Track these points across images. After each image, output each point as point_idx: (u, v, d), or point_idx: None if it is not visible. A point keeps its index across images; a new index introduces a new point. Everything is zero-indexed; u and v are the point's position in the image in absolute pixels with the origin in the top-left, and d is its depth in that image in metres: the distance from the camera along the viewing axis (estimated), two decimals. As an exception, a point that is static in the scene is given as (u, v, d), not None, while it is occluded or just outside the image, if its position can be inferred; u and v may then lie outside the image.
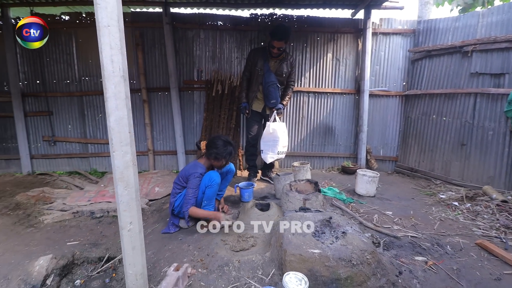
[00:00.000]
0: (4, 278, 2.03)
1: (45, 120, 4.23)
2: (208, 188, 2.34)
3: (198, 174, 2.34)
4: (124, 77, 1.44)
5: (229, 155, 2.42)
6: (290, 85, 3.41)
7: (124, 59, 1.44)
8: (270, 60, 3.25)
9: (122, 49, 1.42)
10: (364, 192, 3.10)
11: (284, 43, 3.12)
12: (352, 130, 4.35)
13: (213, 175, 2.35)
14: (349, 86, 4.24)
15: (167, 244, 2.31)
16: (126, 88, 1.46)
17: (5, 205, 3.22)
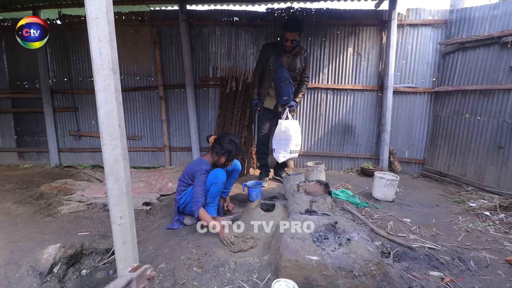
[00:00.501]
0: (16, 263, 2.13)
1: (72, 116, 4.47)
2: (213, 186, 2.29)
3: (203, 171, 2.30)
4: (114, 70, 1.42)
5: (228, 153, 2.35)
6: (304, 81, 3.25)
7: (114, 51, 1.42)
8: (283, 55, 3.12)
9: (111, 41, 1.40)
10: (382, 197, 2.87)
11: (298, 35, 2.97)
12: (374, 129, 4.07)
13: (219, 172, 2.29)
14: (371, 82, 3.97)
15: (168, 240, 2.31)
16: (116, 81, 1.44)
17: (31, 195, 3.45)
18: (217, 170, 2.30)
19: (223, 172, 2.31)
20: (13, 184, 3.77)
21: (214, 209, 2.36)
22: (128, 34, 4.13)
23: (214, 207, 2.36)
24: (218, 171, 2.30)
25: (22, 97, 4.47)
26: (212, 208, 2.35)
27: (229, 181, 2.63)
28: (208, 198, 2.31)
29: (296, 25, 2.92)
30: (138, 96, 4.30)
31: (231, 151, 2.36)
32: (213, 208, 2.35)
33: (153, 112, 4.31)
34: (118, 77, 1.46)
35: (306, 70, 3.23)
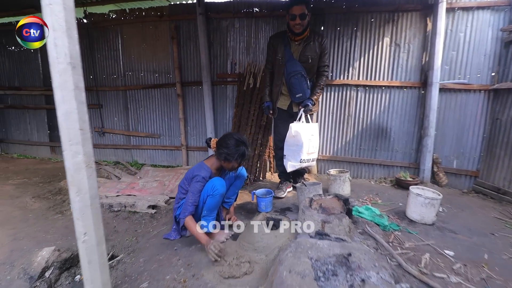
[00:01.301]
0: (10, 264, 2.10)
1: (96, 113, 4.56)
2: (209, 198, 2.02)
3: (200, 178, 2.04)
4: (73, 64, 1.20)
5: (241, 157, 2.05)
6: (323, 73, 2.76)
7: (73, 42, 1.20)
8: (292, 44, 2.70)
9: (69, 31, 1.18)
10: (418, 218, 2.35)
11: (306, 8, 2.51)
12: (414, 133, 3.47)
13: (216, 183, 2.01)
14: (411, 77, 3.37)
15: (161, 252, 2.11)
16: (76, 77, 1.22)
17: (50, 189, 3.53)
18: (215, 180, 2.02)
19: (222, 183, 2.02)
20: (39, 178, 3.93)
21: (211, 222, 2.08)
22: (147, 30, 4.04)
23: (211, 220, 2.08)
24: (217, 181, 2.02)
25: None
26: (209, 221, 2.07)
27: (232, 190, 2.34)
28: (204, 210, 2.05)
29: None
30: (157, 93, 4.22)
31: (244, 153, 2.05)
32: (210, 221, 2.08)
33: (171, 110, 4.20)
34: (80, 72, 1.24)
35: (324, 58, 2.74)
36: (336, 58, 3.52)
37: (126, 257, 2.20)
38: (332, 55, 3.52)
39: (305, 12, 2.52)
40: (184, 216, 2.02)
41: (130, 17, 4.06)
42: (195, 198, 2.02)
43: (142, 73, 4.21)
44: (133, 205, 2.90)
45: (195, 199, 2.02)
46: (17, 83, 4.83)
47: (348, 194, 2.95)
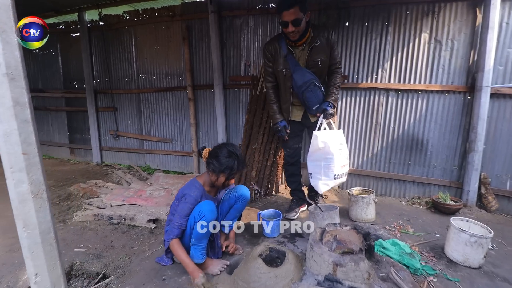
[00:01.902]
0: (-4, 280, 1.98)
1: (111, 116, 4.51)
2: (196, 224, 1.75)
3: (190, 199, 1.78)
4: (11, 75, 0.98)
5: (229, 170, 1.76)
6: (336, 70, 2.34)
7: (10, 48, 0.98)
8: (295, 51, 2.27)
9: (4, 34, 0.95)
10: (460, 259, 1.87)
11: (300, 10, 2.04)
12: (456, 147, 2.92)
13: (204, 208, 1.72)
14: (455, 81, 2.83)
15: (147, 281, 1.87)
16: (16, 90, 1.00)
17: (59, 194, 3.49)
18: (203, 205, 1.73)
19: (210, 208, 1.73)
20: (53, 181, 3.93)
21: (200, 253, 1.79)
22: (160, 31, 3.88)
23: (200, 250, 1.79)
24: (205, 205, 1.73)
25: (73, 96, 4.71)
26: (198, 252, 1.79)
27: (232, 214, 2.04)
28: (193, 238, 1.77)
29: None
30: (169, 97, 4.05)
31: (232, 167, 1.76)
32: (199, 251, 1.79)
33: (183, 114, 4.01)
34: (22, 85, 1.01)
35: (334, 54, 2.30)
36: (362, 58, 3.07)
37: (115, 280, 2.01)
38: (358, 54, 3.07)
39: (299, 16, 2.06)
40: (168, 239, 1.79)
41: (143, 17, 3.92)
42: (181, 222, 1.77)
43: (155, 76, 4.06)
44: (132, 218, 2.71)
45: (181, 222, 1.77)
46: (41, 85, 4.95)
47: (373, 219, 2.51)
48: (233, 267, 1.88)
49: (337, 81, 2.34)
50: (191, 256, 1.78)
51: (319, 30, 2.25)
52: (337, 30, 3.07)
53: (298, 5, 2.03)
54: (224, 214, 2.04)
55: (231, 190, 2.01)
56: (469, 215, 2.67)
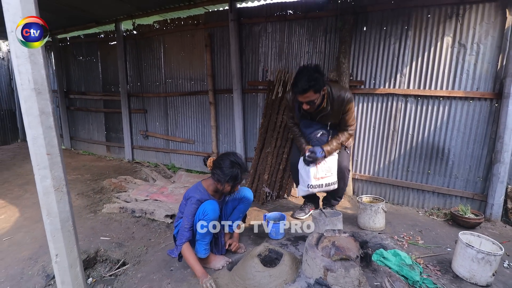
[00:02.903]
0: (35, 260, 2.30)
1: (142, 117, 4.89)
2: (201, 222, 1.89)
3: (194, 200, 1.93)
4: (38, 89, 1.19)
5: (233, 179, 1.88)
6: (345, 130, 2.42)
7: (37, 68, 1.18)
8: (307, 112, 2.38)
9: (32, 57, 1.17)
10: (466, 275, 1.79)
11: (314, 93, 2.09)
12: (481, 157, 2.74)
13: (208, 208, 1.87)
14: (480, 87, 2.66)
15: (157, 271, 2.07)
16: (42, 102, 1.21)
17: (93, 187, 3.89)
18: (207, 204, 1.87)
19: (213, 208, 1.87)
20: (90, 175, 4.38)
21: (204, 248, 1.95)
22: (185, 39, 4.14)
23: (204, 245, 1.94)
24: (208, 205, 1.87)
25: (110, 99, 5.19)
26: (202, 247, 1.94)
27: (236, 214, 2.16)
28: (197, 235, 1.92)
29: (306, 81, 2.05)
30: (193, 100, 4.29)
31: (237, 176, 1.88)
32: (203, 247, 1.94)
33: (204, 117, 4.23)
34: (47, 97, 1.22)
35: (345, 118, 2.34)
36: (380, 63, 3.01)
37: (131, 268, 2.23)
38: (376, 59, 3.02)
39: (313, 98, 2.13)
40: (181, 243, 1.93)
41: (171, 26, 4.21)
42: (190, 222, 1.92)
43: (180, 81, 4.34)
44: (152, 212, 2.96)
45: (190, 223, 1.92)
46: (83, 88, 5.52)
47: (381, 228, 2.47)
48: (234, 264, 1.99)
49: (341, 137, 2.38)
50: (196, 251, 1.93)
51: (335, 94, 2.26)
52: (354, 35, 3.05)
53: (312, 89, 2.09)
54: (229, 214, 2.17)
55: (236, 193, 2.12)
56: (492, 230, 2.50)
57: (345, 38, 2.98)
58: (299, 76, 2.11)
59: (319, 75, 2.10)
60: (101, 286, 2.13)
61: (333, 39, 3.17)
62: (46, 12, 4.27)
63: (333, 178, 2.39)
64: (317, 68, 2.13)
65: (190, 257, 1.85)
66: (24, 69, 1.15)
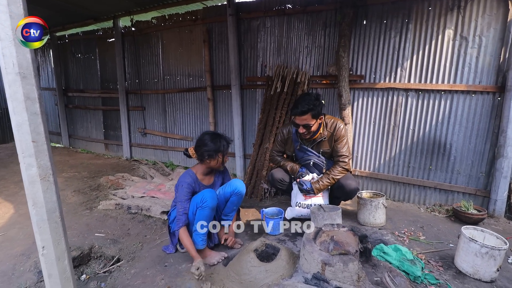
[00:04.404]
0: (27, 256, 2.26)
1: (140, 114, 4.85)
2: (199, 210, 1.88)
3: (184, 183, 1.95)
4: (23, 74, 1.14)
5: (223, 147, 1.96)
6: (338, 164, 2.35)
7: (23, 52, 1.14)
8: (303, 141, 2.46)
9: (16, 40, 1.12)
10: (470, 270, 1.73)
11: (311, 117, 2.21)
12: (483, 151, 2.69)
13: (207, 195, 1.86)
14: (483, 80, 2.61)
15: (151, 266, 2.02)
16: (27, 87, 1.16)
17: (91, 185, 3.84)
18: (206, 192, 1.87)
19: (212, 195, 1.85)
20: (87, 173, 4.33)
21: (201, 239, 1.93)
22: (183, 34, 4.10)
23: (201, 236, 1.92)
24: (207, 193, 1.86)
25: (108, 96, 5.15)
26: (199, 238, 1.92)
27: (229, 207, 2.12)
28: (195, 224, 1.89)
29: (306, 105, 2.17)
30: (191, 97, 4.25)
31: (222, 144, 1.96)
32: (200, 237, 1.92)
33: (203, 113, 4.18)
34: (32, 82, 1.17)
35: (337, 147, 2.35)
36: (380, 57, 2.96)
37: (125, 264, 2.19)
38: (376, 53, 2.97)
39: (310, 122, 2.23)
40: (178, 228, 1.92)
41: (169, 22, 4.17)
42: (184, 206, 1.92)
43: (178, 77, 4.29)
44: (148, 209, 2.91)
45: (184, 206, 1.92)
46: (82, 86, 5.49)
47: (382, 223, 2.41)
48: (230, 259, 1.94)
49: (333, 172, 2.33)
50: (194, 242, 1.92)
51: (329, 124, 2.37)
52: (354, 29, 3.00)
53: (310, 113, 2.19)
54: (222, 207, 2.13)
55: (227, 185, 2.09)
56: (495, 226, 2.44)
57: (344, 32, 2.93)
58: (300, 100, 2.24)
59: (319, 103, 2.23)
60: (95, 283, 2.09)
61: (333, 33, 3.13)
62: (44, 9, 4.24)
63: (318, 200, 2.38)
64: (318, 97, 2.26)
65: (187, 240, 1.85)
66: (9, 52, 1.11)
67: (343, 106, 3.00)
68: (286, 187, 2.54)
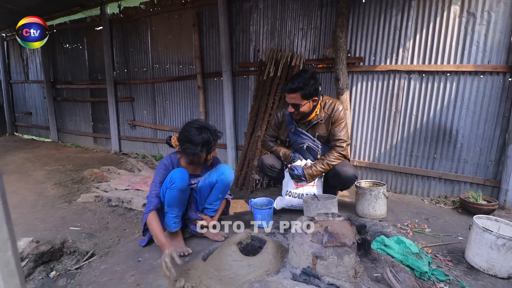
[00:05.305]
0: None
1: (129, 106, 4.63)
2: (168, 191, 1.69)
3: (162, 165, 1.76)
4: None
5: (207, 145, 1.67)
6: (334, 149, 2.14)
7: None
8: (298, 123, 2.26)
9: None
10: (484, 265, 1.51)
11: (301, 97, 2.02)
12: (493, 138, 2.47)
13: (175, 175, 1.66)
14: (492, 59, 2.39)
15: (122, 262, 1.81)
16: None
17: (73, 178, 3.63)
18: (175, 172, 1.66)
19: (181, 176, 1.65)
20: (72, 166, 4.12)
21: (173, 221, 1.75)
22: (173, 19, 3.89)
23: (172, 218, 1.74)
24: (176, 173, 1.65)
25: (96, 87, 4.94)
26: (171, 220, 1.74)
27: (214, 195, 1.89)
28: (165, 205, 1.72)
29: (297, 82, 1.99)
30: (181, 86, 4.03)
31: (208, 140, 1.67)
32: (171, 219, 1.74)
33: (193, 103, 3.97)
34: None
35: (334, 130, 2.14)
36: (381, 37, 2.74)
37: (98, 260, 2.00)
38: (376, 33, 2.76)
39: (299, 102, 2.04)
40: (147, 211, 1.73)
41: (158, 7, 3.96)
42: (156, 187, 1.73)
43: (168, 65, 4.08)
44: (129, 201, 2.70)
45: (156, 188, 1.73)
46: (70, 77, 5.27)
47: (382, 215, 2.19)
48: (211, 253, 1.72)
49: (329, 158, 2.11)
50: (165, 224, 1.74)
51: (327, 106, 2.17)
52: (352, 7, 2.79)
53: (300, 92, 2.01)
54: (206, 195, 1.91)
55: (213, 170, 1.87)
56: (507, 218, 2.20)
57: (342, 10, 2.72)
58: (294, 76, 2.08)
59: (313, 82, 2.02)
60: (64, 280, 1.88)
61: (330, 13, 2.91)
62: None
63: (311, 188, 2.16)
64: (314, 75, 2.05)
65: (155, 225, 1.65)
66: None
67: (340, 91, 2.79)
68: (277, 175, 2.31)
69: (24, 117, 6.46)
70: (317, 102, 2.13)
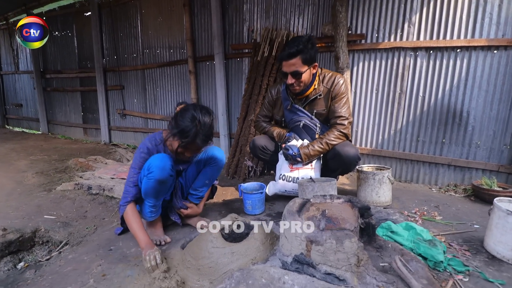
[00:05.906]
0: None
1: (119, 94, 4.43)
2: (144, 179, 1.43)
3: (144, 148, 1.50)
4: None
5: (182, 134, 1.36)
6: (334, 127, 1.91)
7: None
8: (294, 101, 2.02)
9: None
10: (509, 254, 1.29)
11: (302, 62, 1.77)
12: (508, 119, 2.24)
13: (153, 163, 1.39)
14: (507, 33, 2.16)
15: (92, 251, 1.63)
16: None
17: (57, 167, 3.42)
18: (154, 159, 1.41)
19: (160, 165, 1.38)
20: (57, 156, 3.91)
21: (149, 210, 1.52)
22: (163, 1, 3.67)
23: (149, 207, 1.51)
24: (155, 160, 1.40)
25: (86, 76, 4.73)
26: (147, 209, 1.52)
27: (201, 180, 1.67)
28: (142, 194, 1.48)
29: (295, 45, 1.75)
30: (172, 71, 3.82)
31: (188, 133, 1.35)
32: (148, 208, 1.52)
33: (185, 89, 3.75)
34: None
35: (334, 106, 1.91)
36: (384, 12, 2.52)
37: (69, 249, 1.81)
38: (379, 8, 2.54)
39: (300, 69, 1.79)
40: (124, 202, 1.49)
41: (148, -12, 3.75)
42: (134, 174, 1.49)
43: (158, 50, 3.87)
44: (111, 189, 2.50)
45: (135, 175, 1.49)
46: (59, 66, 5.07)
47: (387, 202, 1.97)
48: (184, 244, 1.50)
49: (328, 137, 1.88)
50: (142, 213, 1.54)
51: (327, 79, 1.95)
52: (353, -21, 2.57)
53: (300, 56, 1.76)
54: (192, 179, 1.69)
55: (202, 153, 1.63)
56: (525, 206, 1.99)
57: (342, -18, 2.50)
58: (290, 41, 1.86)
59: (311, 45, 1.80)
60: (32, 272, 1.68)
61: (329, -13, 2.69)
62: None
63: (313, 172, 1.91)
64: (310, 38, 1.82)
65: (133, 221, 1.41)
66: None
67: (340, 71, 2.56)
68: (270, 157, 2.09)
69: (15, 109, 6.26)
70: (316, 70, 1.90)
